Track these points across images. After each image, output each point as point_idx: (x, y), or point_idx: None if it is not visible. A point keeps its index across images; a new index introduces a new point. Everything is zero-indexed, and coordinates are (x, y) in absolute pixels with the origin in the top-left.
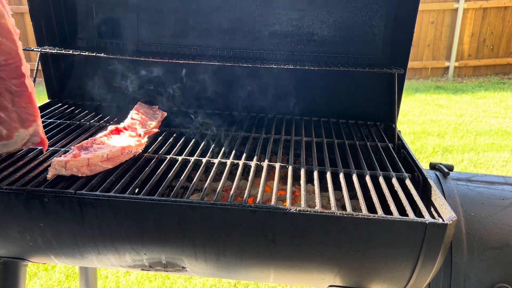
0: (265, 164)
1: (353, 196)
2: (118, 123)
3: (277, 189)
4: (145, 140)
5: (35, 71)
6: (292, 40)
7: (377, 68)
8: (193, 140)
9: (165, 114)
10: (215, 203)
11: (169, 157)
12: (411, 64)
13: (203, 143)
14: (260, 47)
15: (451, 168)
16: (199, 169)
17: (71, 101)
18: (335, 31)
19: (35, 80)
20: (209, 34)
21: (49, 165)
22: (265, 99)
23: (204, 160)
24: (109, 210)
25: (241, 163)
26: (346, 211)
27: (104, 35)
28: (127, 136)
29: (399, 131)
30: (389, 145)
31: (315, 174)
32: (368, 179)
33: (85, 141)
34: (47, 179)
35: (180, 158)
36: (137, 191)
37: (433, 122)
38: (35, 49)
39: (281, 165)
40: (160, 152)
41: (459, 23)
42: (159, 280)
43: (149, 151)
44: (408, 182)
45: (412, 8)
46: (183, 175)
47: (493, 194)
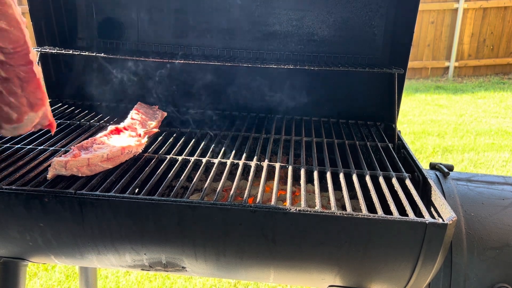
0: (265, 164)
1: (353, 196)
2: (118, 123)
3: (277, 189)
4: (145, 140)
5: None
6: (292, 40)
7: (377, 68)
8: (193, 140)
9: (165, 114)
10: (215, 203)
11: (169, 157)
12: (411, 64)
13: (203, 143)
14: (260, 47)
15: (451, 168)
16: (199, 169)
17: (71, 101)
18: (335, 31)
19: None
20: (209, 34)
21: (49, 165)
22: (265, 99)
23: (204, 160)
24: (109, 210)
25: (241, 163)
26: (346, 211)
27: (104, 35)
28: (127, 136)
29: (399, 131)
30: (389, 145)
31: (315, 174)
32: (368, 179)
33: (85, 141)
34: (47, 179)
35: (180, 158)
36: (137, 191)
37: (433, 122)
38: (35, 49)
39: (281, 165)
40: (160, 152)
41: (459, 23)
42: (159, 280)
43: (149, 151)
44: (408, 182)
45: (412, 8)
46: (183, 175)
47: (493, 194)
